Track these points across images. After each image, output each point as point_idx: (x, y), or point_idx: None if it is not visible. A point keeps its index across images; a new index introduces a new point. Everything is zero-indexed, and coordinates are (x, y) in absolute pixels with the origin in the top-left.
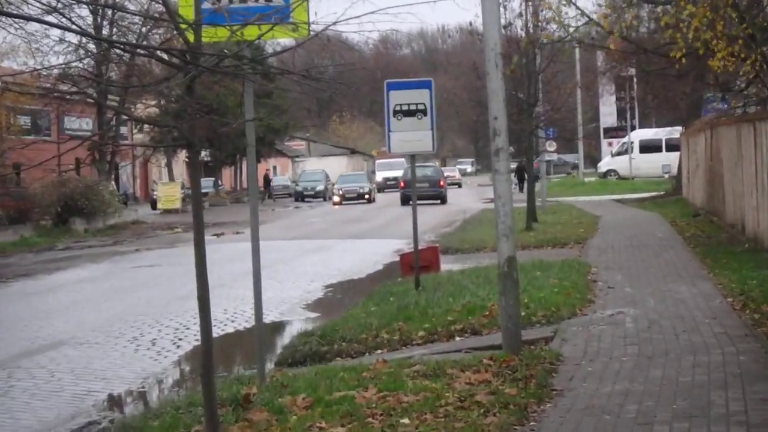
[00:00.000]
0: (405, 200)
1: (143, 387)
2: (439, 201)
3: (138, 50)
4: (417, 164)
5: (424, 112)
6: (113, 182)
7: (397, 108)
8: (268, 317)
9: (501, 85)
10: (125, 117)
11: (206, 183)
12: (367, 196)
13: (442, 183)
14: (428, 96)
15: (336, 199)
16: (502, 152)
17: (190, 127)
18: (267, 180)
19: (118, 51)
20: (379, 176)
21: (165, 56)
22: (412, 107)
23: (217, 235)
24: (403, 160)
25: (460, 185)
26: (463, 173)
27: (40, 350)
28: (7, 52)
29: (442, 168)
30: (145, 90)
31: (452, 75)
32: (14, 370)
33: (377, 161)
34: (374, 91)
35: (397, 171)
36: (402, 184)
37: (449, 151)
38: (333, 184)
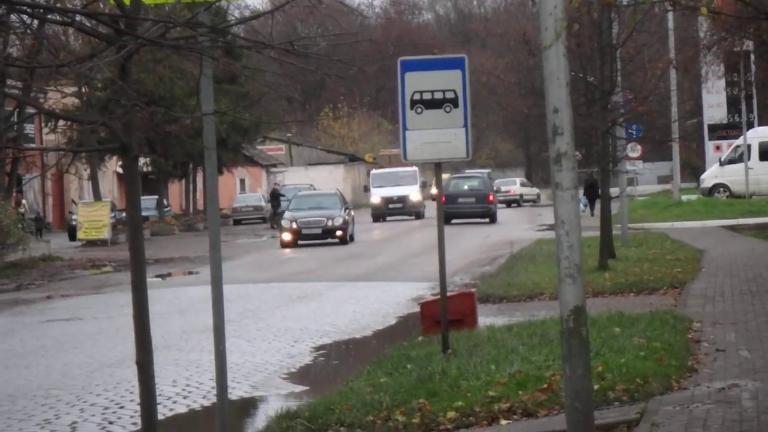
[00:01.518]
0: (447, 219)
1: None
2: (487, 219)
3: (50, 15)
4: (461, 175)
5: (454, 103)
6: (19, 202)
7: (417, 97)
8: (235, 391)
9: (564, 65)
10: (32, 110)
11: (147, 203)
12: (339, 233)
13: (491, 198)
14: (460, 80)
15: (286, 237)
16: (566, 159)
17: (124, 124)
18: (276, 196)
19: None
20: (375, 195)
21: (89, 24)
22: (438, 96)
23: (162, 276)
24: (414, 169)
25: (518, 203)
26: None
27: None
28: None
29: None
30: (60, 72)
31: (493, 50)
32: None
33: (372, 172)
34: (383, 73)
35: (404, 187)
36: (444, 199)
37: (489, 159)
38: (281, 211)
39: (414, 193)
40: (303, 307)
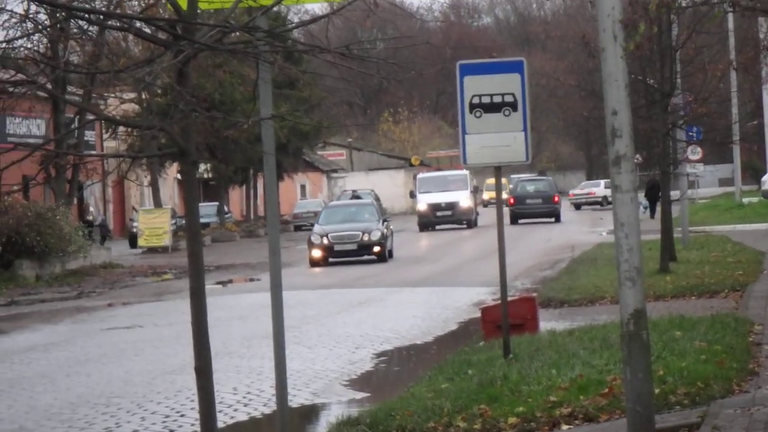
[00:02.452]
0: (515, 219)
1: None
2: (553, 219)
3: (109, 21)
4: (528, 178)
5: (513, 107)
6: (87, 210)
7: (476, 101)
8: (296, 398)
9: (623, 67)
10: (92, 116)
11: (207, 210)
12: (376, 248)
13: (556, 198)
14: (519, 83)
15: (315, 254)
16: (625, 161)
17: (183, 129)
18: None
19: (80, 23)
20: (422, 202)
21: (147, 29)
22: (497, 99)
23: (223, 283)
24: (464, 173)
25: (602, 204)
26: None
27: None
28: None
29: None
30: (120, 78)
31: (552, 53)
32: None
33: (419, 176)
34: (443, 77)
35: (453, 192)
36: (512, 200)
37: (550, 162)
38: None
39: (464, 199)
40: (363, 313)
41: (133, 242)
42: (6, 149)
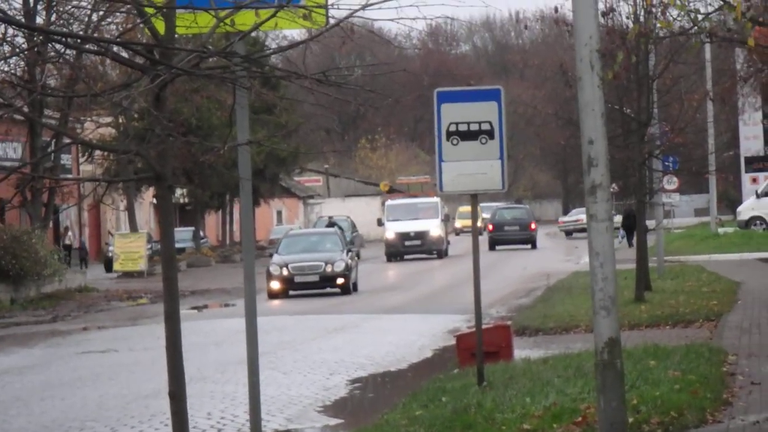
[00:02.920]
0: (493, 245)
1: None
2: (529, 246)
3: (87, 45)
4: (506, 206)
5: (490, 135)
6: (66, 234)
7: (452, 128)
8: (270, 424)
9: (599, 96)
10: (68, 140)
11: (183, 234)
12: (339, 280)
13: (533, 226)
14: (496, 111)
15: (274, 285)
16: (601, 190)
17: (159, 154)
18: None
19: (57, 46)
20: (390, 230)
21: (125, 54)
22: (474, 127)
23: (198, 308)
24: (435, 200)
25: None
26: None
27: None
28: None
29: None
30: (97, 102)
31: (530, 81)
32: None
33: (387, 203)
34: (420, 105)
35: (423, 221)
36: (491, 227)
37: (527, 190)
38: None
39: (435, 228)
40: (339, 339)
41: (108, 266)
42: None
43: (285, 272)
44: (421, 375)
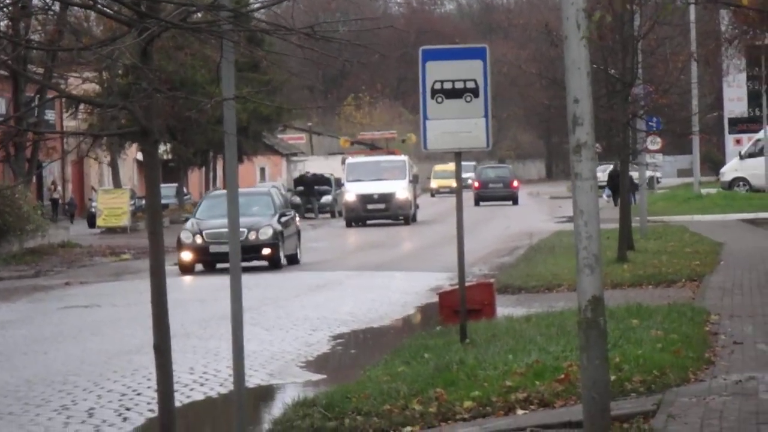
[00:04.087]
0: (478, 201)
1: None
2: (511, 202)
3: None
4: (490, 165)
5: (474, 93)
6: (55, 188)
7: (437, 86)
8: (252, 379)
9: (585, 55)
10: (53, 94)
11: (167, 191)
12: (266, 251)
13: (515, 184)
14: (481, 70)
15: (185, 256)
16: (585, 149)
17: (145, 108)
18: (308, 184)
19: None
20: (350, 192)
21: (110, 8)
22: (459, 85)
23: None
24: (402, 159)
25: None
26: None
27: None
28: None
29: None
30: (82, 57)
31: (515, 41)
32: None
33: (348, 161)
34: (404, 63)
35: (388, 182)
36: (477, 185)
37: (510, 150)
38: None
39: (401, 190)
40: (322, 296)
41: (91, 222)
42: None
43: (198, 240)
44: (403, 332)
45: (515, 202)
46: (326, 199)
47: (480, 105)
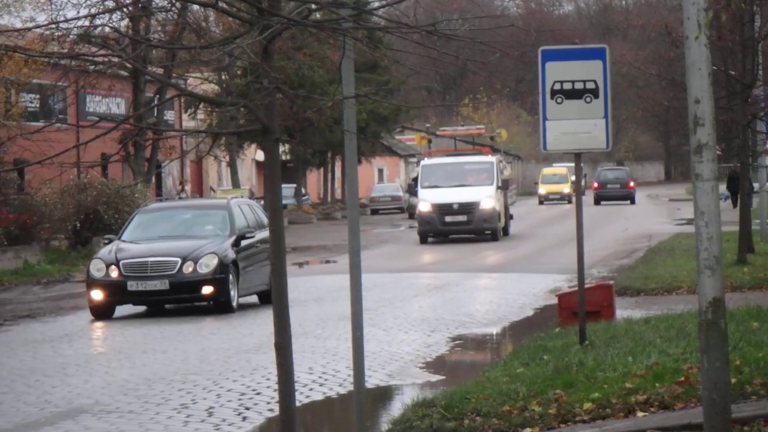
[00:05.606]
0: (598, 200)
1: None
2: (629, 201)
3: None
4: (609, 168)
5: (594, 93)
6: (183, 187)
7: (557, 87)
8: (372, 380)
9: (706, 55)
10: (173, 94)
11: (285, 191)
12: (207, 290)
13: (631, 184)
14: (601, 70)
15: (96, 295)
16: (707, 149)
17: (266, 107)
18: None
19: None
20: (424, 201)
21: (230, 6)
22: (578, 86)
23: (300, 264)
24: (490, 160)
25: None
26: None
27: (52, 420)
28: (8, 3)
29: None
30: (200, 58)
31: (633, 42)
32: None
33: (423, 163)
34: (522, 65)
35: (471, 189)
36: (596, 185)
37: (628, 151)
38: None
39: (487, 199)
40: (439, 297)
41: None
42: (89, 125)
43: (114, 273)
44: (521, 333)
45: (632, 201)
46: None
47: (600, 106)
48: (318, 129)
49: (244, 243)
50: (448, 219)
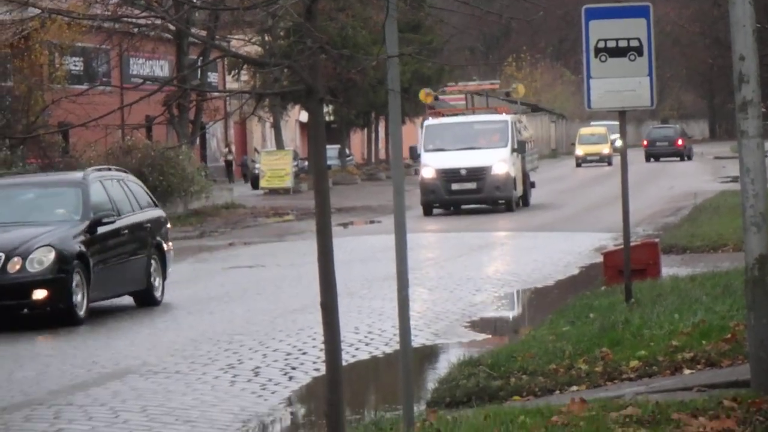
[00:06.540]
0: (648, 158)
1: None
2: (678, 158)
3: None
4: (658, 126)
5: (638, 51)
6: (230, 149)
7: (601, 45)
8: (417, 339)
9: (750, 12)
10: (216, 55)
11: (329, 152)
12: (39, 294)
13: (680, 142)
14: (645, 28)
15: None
16: (752, 106)
17: (310, 67)
18: None
19: None
20: (427, 166)
21: None
22: (622, 44)
23: (344, 225)
24: (505, 119)
25: None
26: None
27: (99, 381)
28: None
29: None
30: (242, 18)
31: (677, 1)
32: (63, 409)
33: (427, 124)
34: (565, 24)
35: (483, 152)
36: (646, 143)
37: (672, 110)
38: None
39: (500, 163)
40: (483, 256)
41: (254, 183)
42: (133, 87)
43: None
44: (567, 292)
45: (682, 158)
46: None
47: (644, 63)
48: (362, 90)
49: (101, 230)
50: (454, 187)
